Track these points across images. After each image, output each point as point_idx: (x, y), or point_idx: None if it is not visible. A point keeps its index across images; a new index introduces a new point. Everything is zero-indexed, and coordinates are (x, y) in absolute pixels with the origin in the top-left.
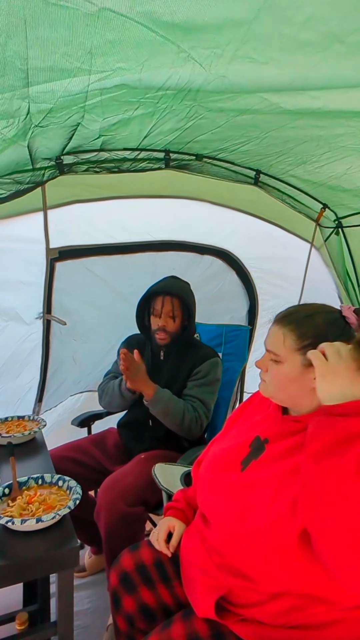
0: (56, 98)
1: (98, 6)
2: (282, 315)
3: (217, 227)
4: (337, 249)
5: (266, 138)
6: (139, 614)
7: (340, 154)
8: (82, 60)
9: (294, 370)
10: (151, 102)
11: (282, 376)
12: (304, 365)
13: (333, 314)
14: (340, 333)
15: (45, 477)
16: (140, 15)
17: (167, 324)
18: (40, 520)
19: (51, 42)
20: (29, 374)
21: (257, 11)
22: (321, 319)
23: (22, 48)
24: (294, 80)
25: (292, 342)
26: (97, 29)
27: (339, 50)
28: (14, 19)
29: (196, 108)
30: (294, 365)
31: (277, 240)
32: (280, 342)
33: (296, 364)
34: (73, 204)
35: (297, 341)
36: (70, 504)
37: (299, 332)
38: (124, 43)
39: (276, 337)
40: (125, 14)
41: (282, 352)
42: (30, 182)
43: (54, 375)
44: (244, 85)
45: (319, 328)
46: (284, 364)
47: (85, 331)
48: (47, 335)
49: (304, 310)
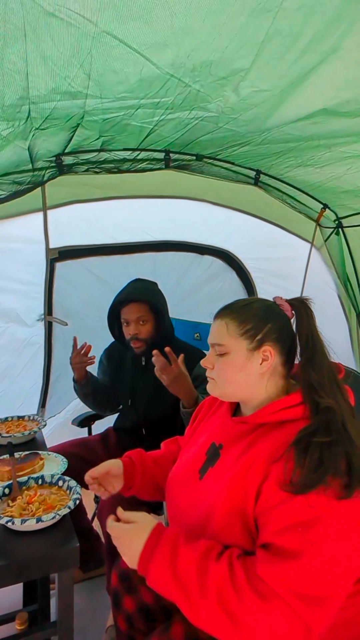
0: (56, 101)
1: (100, 28)
2: (221, 309)
3: (217, 227)
4: (337, 249)
5: (267, 137)
6: (139, 615)
7: (341, 154)
8: (85, 85)
9: (240, 357)
10: (151, 102)
11: (230, 366)
12: (249, 349)
13: (269, 301)
14: (277, 316)
15: (46, 477)
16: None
17: (139, 332)
18: (40, 520)
19: (51, 61)
20: (32, 378)
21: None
22: (258, 305)
23: (22, 59)
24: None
25: (235, 328)
26: (99, 54)
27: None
28: (12, 27)
29: (197, 110)
30: (239, 351)
31: (277, 240)
32: (224, 331)
33: (242, 350)
34: (73, 204)
35: (239, 326)
36: (70, 504)
37: (241, 318)
38: (129, 74)
39: (219, 327)
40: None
41: (227, 341)
42: (30, 182)
43: (58, 380)
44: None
45: (259, 311)
46: (230, 353)
47: (88, 333)
48: (48, 338)
49: (241, 301)
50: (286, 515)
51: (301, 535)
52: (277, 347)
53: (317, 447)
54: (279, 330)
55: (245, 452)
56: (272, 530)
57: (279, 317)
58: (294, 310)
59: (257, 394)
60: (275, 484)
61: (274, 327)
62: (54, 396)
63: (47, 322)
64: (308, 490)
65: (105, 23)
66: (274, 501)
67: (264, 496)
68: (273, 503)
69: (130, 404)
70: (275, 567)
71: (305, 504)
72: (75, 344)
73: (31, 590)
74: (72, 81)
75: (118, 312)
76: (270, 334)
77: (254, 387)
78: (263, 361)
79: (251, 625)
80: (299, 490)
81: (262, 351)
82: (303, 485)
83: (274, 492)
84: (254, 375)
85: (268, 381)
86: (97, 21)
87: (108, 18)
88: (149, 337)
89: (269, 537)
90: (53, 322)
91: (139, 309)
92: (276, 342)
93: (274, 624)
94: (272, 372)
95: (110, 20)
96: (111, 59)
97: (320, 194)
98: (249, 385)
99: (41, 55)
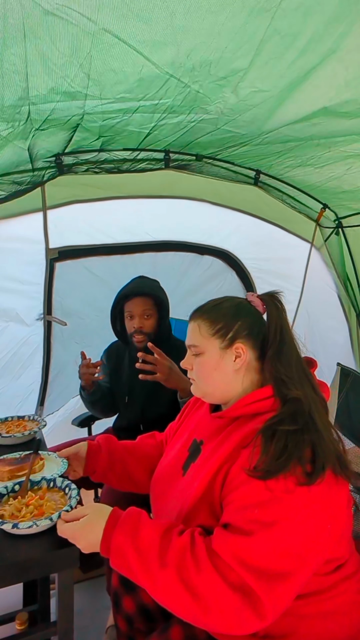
0: (56, 102)
1: (100, 26)
2: (193, 312)
3: (217, 227)
4: (337, 249)
5: (266, 138)
6: (138, 615)
7: (341, 154)
8: (84, 85)
9: (214, 356)
10: (151, 103)
11: (205, 366)
12: (222, 348)
13: (239, 299)
14: (247, 314)
15: (57, 481)
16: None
17: (143, 325)
18: (15, 527)
19: (50, 60)
20: (30, 376)
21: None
22: (228, 304)
23: (21, 59)
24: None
25: (206, 329)
26: (98, 53)
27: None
28: (11, 27)
29: (196, 111)
30: (213, 351)
31: (277, 240)
32: (197, 333)
33: (215, 349)
34: (73, 204)
35: (210, 326)
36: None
37: (211, 319)
38: (128, 74)
39: (192, 330)
40: (124, 39)
41: (200, 342)
42: (30, 182)
43: (56, 378)
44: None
45: (229, 310)
46: (204, 353)
47: (87, 333)
48: (48, 337)
49: (212, 302)
50: (244, 496)
51: (256, 515)
52: (249, 343)
53: (282, 434)
54: (249, 326)
55: (221, 444)
56: (232, 510)
57: (249, 314)
58: (264, 304)
59: (234, 391)
60: (240, 468)
61: (244, 324)
62: (52, 394)
63: (47, 322)
64: (270, 476)
65: (105, 21)
66: (235, 483)
67: (229, 478)
68: (235, 484)
69: (127, 401)
70: (229, 542)
71: (264, 486)
72: (83, 356)
73: (31, 590)
74: (71, 81)
75: (121, 306)
76: (241, 331)
77: (230, 384)
78: (236, 358)
79: (206, 596)
80: (262, 476)
81: (235, 348)
82: (266, 472)
83: (236, 475)
84: (229, 373)
85: (244, 377)
86: (97, 19)
87: (107, 16)
88: (152, 331)
89: (228, 517)
90: (52, 321)
91: (144, 302)
92: (247, 338)
93: (227, 595)
94: (247, 368)
95: (109, 19)
96: (111, 58)
97: (320, 194)
98: (225, 383)
99: (40, 54)
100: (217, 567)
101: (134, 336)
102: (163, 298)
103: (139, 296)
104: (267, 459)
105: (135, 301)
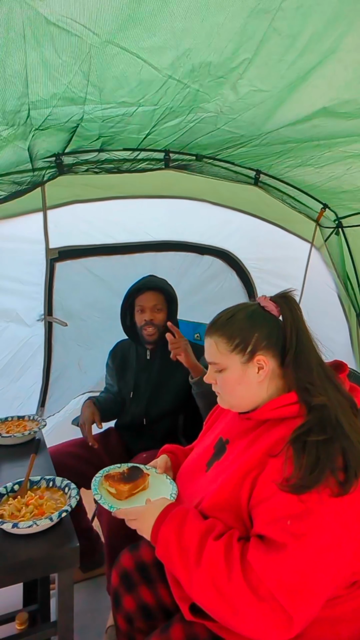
0: (56, 100)
1: (102, 38)
2: (208, 327)
3: (217, 227)
4: (337, 249)
5: (266, 138)
6: (139, 614)
7: (340, 154)
8: (85, 91)
9: (236, 371)
10: (150, 103)
11: (229, 381)
12: (243, 362)
13: (252, 307)
14: (263, 322)
15: (57, 480)
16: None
17: (154, 318)
18: (15, 526)
19: (53, 68)
20: (31, 377)
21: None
22: (241, 315)
23: (22, 65)
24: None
25: (224, 346)
26: (100, 62)
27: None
28: (13, 34)
29: (195, 110)
30: (234, 366)
31: (277, 240)
32: (215, 350)
33: (236, 365)
34: (73, 204)
35: (228, 343)
36: (62, 510)
37: (227, 335)
38: (128, 78)
39: (210, 346)
40: (130, 49)
41: (220, 359)
42: (30, 182)
43: (57, 380)
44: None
45: (244, 322)
46: (226, 369)
47: (89, 335)
48: (49, 338)
49: (225, 314)
50: (276, 508)
51: (288, 528)
52: (270, 353)
53: (313, 446)
54: (267, 336)
55: (249, 447)
56: (263, 522)
57: (264, 322)
58: (278, 308)
59: (260, 399)
60: (270, 479)
61: (261, 334)
62: (53, 395)
63: (47, 322)
64: (305, 490)
65: (106, 30)
66: (266, 494)
67: (258, 488)
68: (266, 495)
69: (132, 396)
70: (263, 556)
71: (297, 499)
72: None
73: (31, 590)
74: (72, 86)
75: (132, 301)
76: (260, 342)
77: (255, 394)
78: (259, 370)
79: (236, 603)
80: (297, 490)
81: (256, 361)
82: (301, 487)
83: (267, 485)
84: (254, 385)
85: (268, 385)
86: (97, 29)
87: (108, 25)
88: (162, 324)
89: (260, 528)
90: (53, 322)
91: (156, 296)
92: (267, 348)
93: (255, 606)
94: (271, 377)
95: (110, 27)
96: (111, 63)
97: (320, 194)
98: (250, 394)
99: (42, 61)
100: (249, 578)
101: (144, 328)
102: (173, 294)
103: (150, 290)
104: (300, 473)
105: (147, 295)
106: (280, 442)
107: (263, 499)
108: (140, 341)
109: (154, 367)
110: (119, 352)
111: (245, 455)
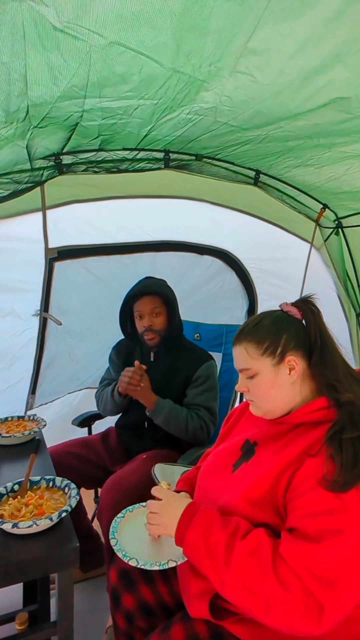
0: (55, 99)
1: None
2: (236, 336)
3: (217, 227)
4: (337, 249)
5: (266, 137)
6: (139, 612)
7: (340, 154)
8: (83, 85)
9: (269, 374)
10: (150, 102)
11: (262, 386)
12: (274, 365)
13: (276, 313)
14: (289, 325)
15: (57, 480)
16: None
17: (154, 323)
18: (15, 526)
19: (56, 69)
20: (22, 366)
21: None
22: (267, 321)
23: (22, 67)
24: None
25: (254, 350)
26: (106, 63)
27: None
28: (17, 36)
29: (194, 103)
30: (266, 370)
31: (277, 240)
32: (245, 356)
33: (268, 368)
34: (72, 204)
35: (258, 347)
36: (61, 510)
37: (256, 339)
38: (129, 74)
39: (239, 354)
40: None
41: (251, 364)
42: (29, 182)
43: (48, 367)
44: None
45: (271, 326)
46: (259, 374)
47: (82, 330)
48: (42, 331)
49: (251, 322)
50: (312, 503)
51: (325, 523)
52: (299, 353)
53: (349, 443)
54: (295, 337)
55: (282, 449)
56: (298, 515)
57: (290, 324)
58: (301, 312)
59: (294, 402)
60: (308, 474)
61: (289, 335)
62: (44, 383)
63: (42, 318)
64: (348, 488)
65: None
66: (303, 488)
67: (294, 483)
68: (301, 490)
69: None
70: (295, 546)
71: (332, 495)
72: (138, 366)
73: (31, 590)
74: (72, 84)
75: (130, 307)
76: (289, 343)
77: (289, 397)
78: (291, 370)
79: (269, 601)
80: (339, 488)
81: (287, 362)
82: (344, 484)
83: (303, 480)
84: (287, 387)
85: (301, 387)
86: (101, 31)
87: (111, 27)
88: (162, 328)
89: (295, 522)
90: (48, 318)
91: (153, 301)
92: (296, 348)
93: (289, 602)
94: (302, 378)
95: (112, 29)
96: (112, 61)
97: (319, 194)
98: (284, 397)
99: (44, 62)
100: (282, 574)
101: (145, 335)
102: (171, 296)
103: (146, 295)
104: (342, 471)
105: (144, 300)
106: (317, 442)
107: (299, 493)
108: (143, 346)
109: (158, 368)
110: (123, 347)
111: (280, 454)
